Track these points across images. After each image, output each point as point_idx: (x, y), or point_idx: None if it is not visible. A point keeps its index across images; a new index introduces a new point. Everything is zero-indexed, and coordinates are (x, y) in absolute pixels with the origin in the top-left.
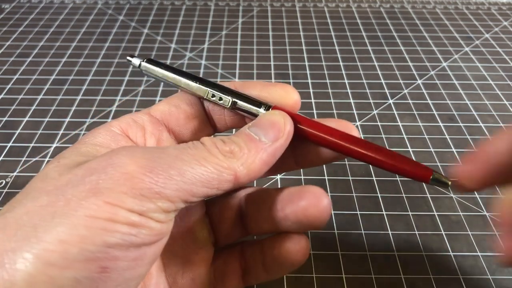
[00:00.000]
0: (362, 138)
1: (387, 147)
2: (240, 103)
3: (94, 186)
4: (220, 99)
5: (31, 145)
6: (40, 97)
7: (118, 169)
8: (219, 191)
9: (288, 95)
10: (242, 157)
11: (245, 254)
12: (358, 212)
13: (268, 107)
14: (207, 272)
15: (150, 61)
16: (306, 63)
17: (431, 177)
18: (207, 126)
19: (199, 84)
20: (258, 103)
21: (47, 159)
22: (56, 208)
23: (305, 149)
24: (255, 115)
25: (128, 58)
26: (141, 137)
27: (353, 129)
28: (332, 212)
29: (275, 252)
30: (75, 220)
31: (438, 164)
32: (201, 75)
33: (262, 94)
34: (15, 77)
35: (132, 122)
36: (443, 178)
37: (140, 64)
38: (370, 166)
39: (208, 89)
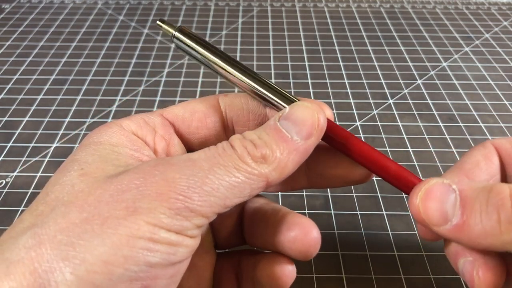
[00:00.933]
0: (361, 137)
1: (387, 147)
2: (277, 98)
3: (131, 205)
4: (269, 86)
5: (31, 145)
6: (40, 97)
7: (153, 189)
8: (250, 197)
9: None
10: (274, 162)
11: (241, 267)
12: (358, 212)
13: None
14: (211, 276)
15: (183, 33)
16: (306, 63)
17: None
18: (220, 138)
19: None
20: (286, 97)
21: (47, 159)
22: (93, 226)
23: (320, 171)
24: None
25: (159, 23)
26: (151, 140)
27: (327, 109)
28: (332, 212)
29: (259, 274)
30: (116, 239)
31: (438, 164)
32: (201, 75)
33: None
34: (15, 77)
35: (143, 123)
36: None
37: (173, 35)
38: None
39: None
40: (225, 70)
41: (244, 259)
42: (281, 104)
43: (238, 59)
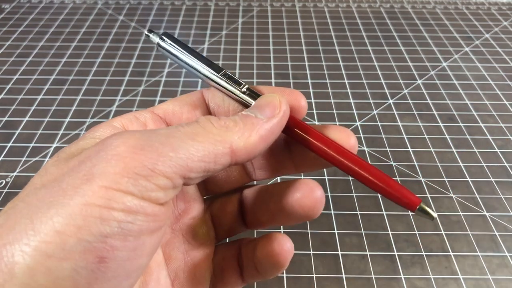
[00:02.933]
0: (361, 137)
1: (387, 147)
2: (248, 97)
3: (88, 172)
4: (235, 81)
5: (31, 145)
6: (40, 97)
7: (109, 151)
8: (218, 166)
9: (295, 100)
10: (238, 131)
11: (241, 252)
12: (358, 212)
13: None
14: (208, 267)
15: (167, 36)
16: (306, 63)
17: (417, 207)
18: None
19: (216, 66)
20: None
21: (47, 159)
22: (53, 198)
23: (303, 153)
24: None
25: (147, 33)
26: None
27: (352, 137)
28: (332, 212)
29: (260, 253)
30: (70, 209)
31: (438, 164)
32: None
33: None
34: (15, 77)
35: (134, 118)
36: (429, 210)
37: (158, 43)
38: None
39: (225, 70)
40: (200, 73)
41: (244, 246)
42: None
43: (238, 59)
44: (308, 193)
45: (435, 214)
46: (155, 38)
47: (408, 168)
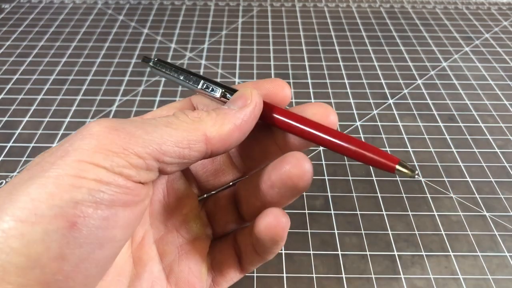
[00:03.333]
0: (361, 137)
1: (387, 147)
2: (229, 95)
3: (64, 150)
4: (212, 90)
5: (31, 145)
6: (40, 97)
7: (85, 132)
8: (193, 152)
9: (277, 88)
10: (211, 120)
11: (237, 241)
12: (358, 212)
13: None
14: (203, 262)
15: (157, 63)
16: (306, 63)
17: (396, 166)
18: None
19: (196, 78)
20: None
21: None
22: (31, 174)
23: (284, 135)
24: None
25: (142, 61)
26: None
27: (331, 112)
28: (332, 212)
29: (257, 230)
30: (45, 179)
31: (438, 164)
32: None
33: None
34: (15, 77)
35: None
36: (408, 166)
37: (151, 67)
38: (371, 166)
39: (203, 81)
40: (191, 75)
41: (239, 234)
42: None
43: (238, 59)
44: (296, 163)
45: (416, 170)
46: (147, 64)
47: None
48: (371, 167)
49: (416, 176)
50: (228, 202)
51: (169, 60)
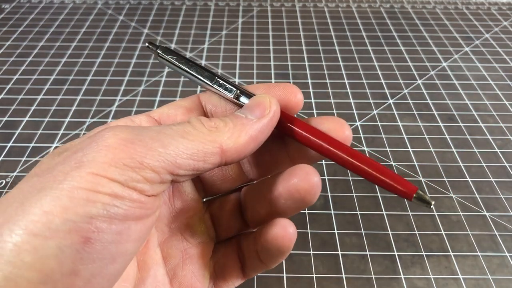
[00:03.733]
0: (361, 137)
1: (387, 147)
2: (243, 99)
3: (79, 160)
4: (226, 88)
5: (31, 145)
6: (40, 97)
7: (100, 143)
8: (208, 165)
9: (291, 94)
10: (228, 132)
11: (241, 246)
12: (358, 212)
13: None
14: (207, 265)
15: (165, 50)
16: (306, 63)
17: (414, 195)
18: None
19: (208, 73)
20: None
21: None
22: (44, 184)
23: (298, 147)
24: None
25: (148, 45)
26: None
27: (346, 128)
28: (332, 212)
29: (263, 240)
30: (58, 192)
31: (438, 164)
32: None
33: (264, 93)
34: (15, 77)
35: (130, 121)
36: (426, 197)
37: (158, 53)
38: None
39: (217, 77)
40: (198, 79)
41: (243, 239)
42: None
43: (238, 59)
44: (304, 177)
45: (432, 201)
46: (154, 49)
47: (408, 168)
48: None
49: (432, 207)
50: (233, 207)
51: None
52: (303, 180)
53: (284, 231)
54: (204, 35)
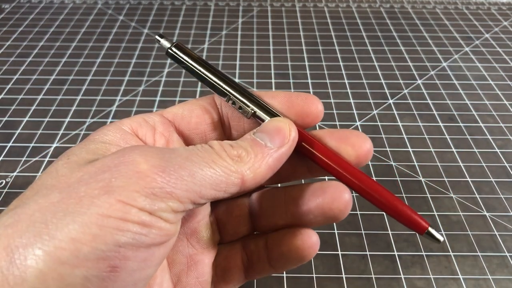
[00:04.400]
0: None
1: (387, 147)
2: (259, 113)
3: (107, 184)
4: (240, 108)
5: (31, 145)
6: (40, 97)
7: (131, 167)
8: (226, 194)
9: (311, 105)
10: (249, 162)
11: (247, 250)
12: (358, 212)
13: None
14: (211, 270)
15: (178, 47)
16: (306, 63)
17: (426, 231)
18: (218, 133)
19: (222, 87)
20: (275, 115)
21: (47, 159)
22: (68, 205)
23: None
24: None
25: (157, 37)
26: (150, 137)
27: (367, 142)
28: None
29: (284, 249)
30: (87, 218)
31: (438, 164)
32: None
33: (284, 104)
34: (15, 77)
35: (143, 122)
36: (436, 235)
37: (169, 48)
38: (370, 165)
39: (230, 95)
40: (215, 84)
41: (249, 243)
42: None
43: (238, 59)
44: (338, 196)
45: (441, 238)
46: (166, 44)
47: (408, 168)
48: (370, 166)
49: (441, 240)
50: (242, 212)
51: (168, 60)
52: (336, 199)
53: (310, 241)
54: (204, 35)
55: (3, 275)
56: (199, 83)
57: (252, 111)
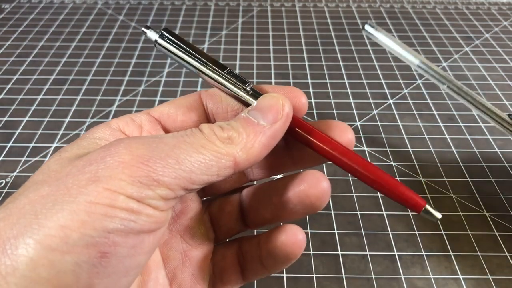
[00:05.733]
0: (361, 137)
1: (387, 147)
2: (247, 95)
3: (94, 175)
4: (240, 80)
5: (31, 145)
6: (40, 97)
7: (116, 158)
8: (220, 177)
9: (295, 98)
10: (241, 142)
11: (242, 250)
12: (358, 212)
13: None
14: (207, 267)
15: (167, 34)
16: (306, 63)
17: (423, 209)
18: None
19: (219, 62)
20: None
21: (47, 159)
22: (57, 197)
23: (302, 150)
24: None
25: (143, 29)
26: (137, 135)
27: (349, 131)
28: (332, 212)
29: (270, 246)
30: (75, 206)
31: (438, 164)
32: None
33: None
34: (15, 77)
35: (130, 121)
36: (433, 212)
37: (156, 41)
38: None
39: (230, 68)
40: (200, 71)
41: (244, 243)
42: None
43: (238, 59)
44: (315, 183)
45: (439, 215)
46: (153, 35)
47: (408, 168)
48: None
49: (439, 218)
50: (233, 208)
51: (168, 60)
52: (313, 186)
53: (294, 237)
54: (204, 35)
55: None
56: (199, 83)
57: (251, 85)
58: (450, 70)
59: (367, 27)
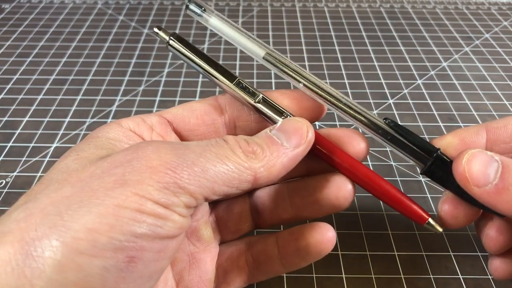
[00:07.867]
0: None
1: (387, 147)
2: (267, 99)
3: (120, 178)
4: (249, 91)
5: (31, 145)
6: (40, 97)
7: (144, 162)
8: (238, 191)
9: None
10: (264, 159)
11: (252, 251)
12: (358, 212)
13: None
14: (213, 269)
15: (179, 39)
16: (306, 63)
17: (426, 222)
18: (219, 135)
19: (230, 72)
20: (281, 111)
21: (47, 159)
22: (82, 198)
23: (317, 161)
24: (274, 122)
25: (156, 30)
26: (147, 137)
27: (362, 142)
28: None
29: (301, 244)
30: (103, 209)
31: None
32: (201, 75)
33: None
34: (15, 77)
35: (141, 121)
36: (436, 226)
37: (168, 41)
38: (370, 165)
39: (239, 78)
40: (217, 79)
41: (256, 243)
42: (274, 117)
43: (238, 59)
44: (343, 185)
45: (440, 229)
46: (165, 37)
47: (408, 168)
48: (370, 166)
49: (441, 231)
50: (242, 209)
51: (168, 60)
52: (342, 187)
53: (328, 235)
54: (204, 35)
55: (19, 267)
56: (199, 83)
57: (262, 96)
58: (450, 70)
59: (192, 6)
